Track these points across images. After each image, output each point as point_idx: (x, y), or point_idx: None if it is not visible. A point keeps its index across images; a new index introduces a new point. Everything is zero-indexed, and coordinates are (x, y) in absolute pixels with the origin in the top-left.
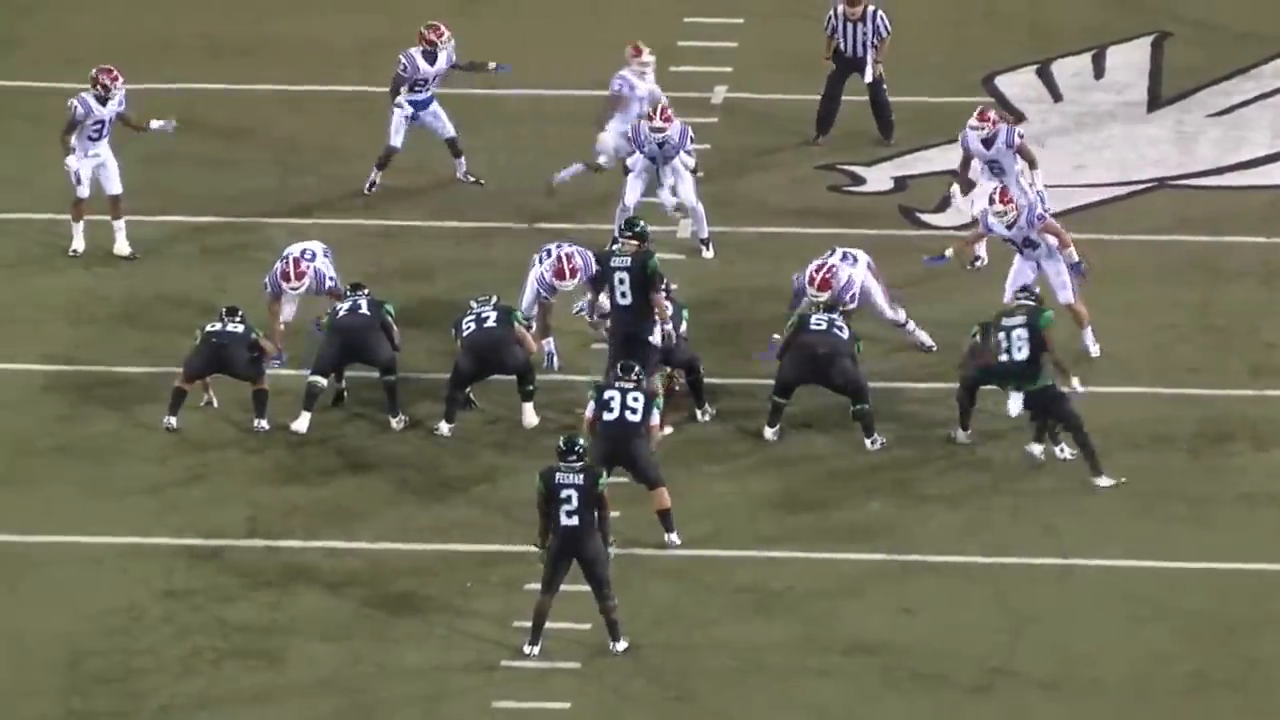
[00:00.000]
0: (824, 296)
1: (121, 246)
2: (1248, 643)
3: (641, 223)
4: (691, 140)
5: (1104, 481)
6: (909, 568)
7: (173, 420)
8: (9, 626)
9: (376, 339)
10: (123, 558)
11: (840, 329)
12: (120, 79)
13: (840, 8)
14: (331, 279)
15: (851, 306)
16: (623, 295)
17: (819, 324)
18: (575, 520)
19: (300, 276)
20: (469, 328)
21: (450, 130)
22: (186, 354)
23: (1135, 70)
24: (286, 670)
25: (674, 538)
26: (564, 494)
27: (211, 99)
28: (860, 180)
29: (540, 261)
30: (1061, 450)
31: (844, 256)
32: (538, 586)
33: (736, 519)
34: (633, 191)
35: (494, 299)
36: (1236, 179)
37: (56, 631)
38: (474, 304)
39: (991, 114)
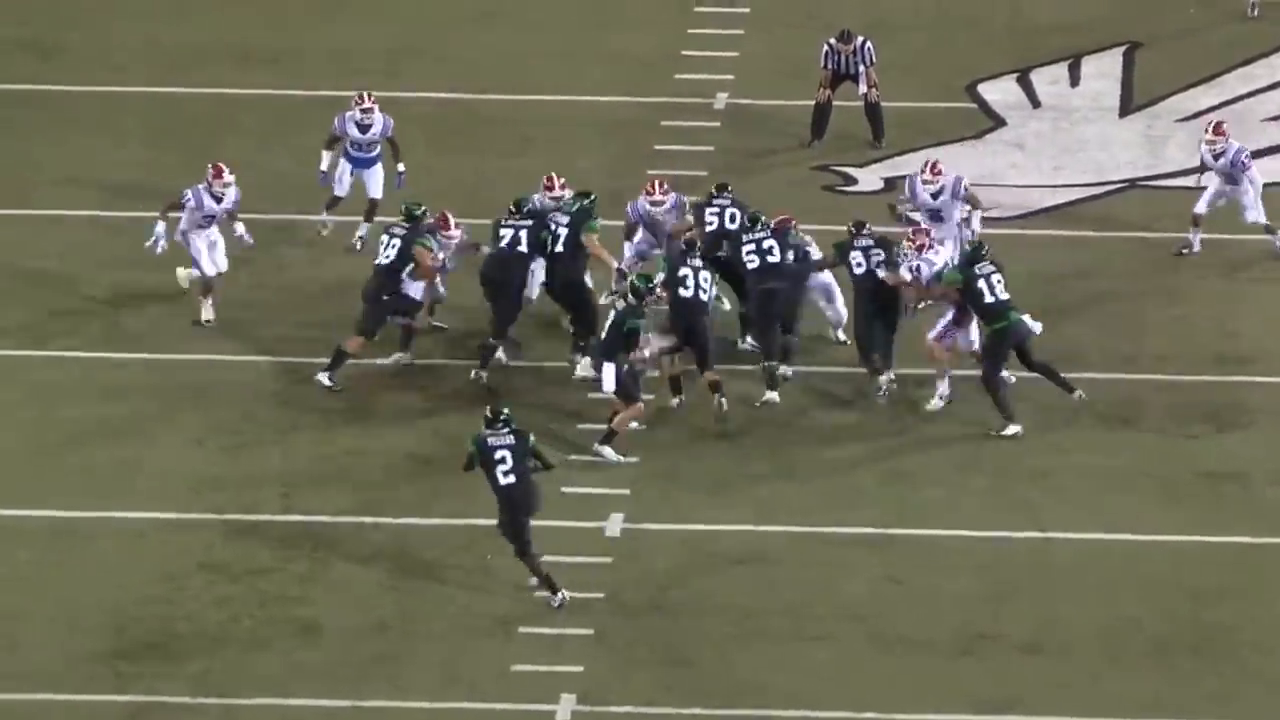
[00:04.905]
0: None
1: (207, 313)
2: (1208, 610)
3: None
4: (685, 210)
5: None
6: (896, 540)
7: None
8: (60, 596)
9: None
10: (165, 532)
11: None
12: (229, 180)
13: (834, 42)
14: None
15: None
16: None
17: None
18: (512, 479)
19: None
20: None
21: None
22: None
23: (1108, 78)
24: (318, 637)
25: (723, 400)
26: (498, 455)
27: (244, 103)
28: (852, 180)
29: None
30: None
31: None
32: (554, 558)
33: (735, 494)
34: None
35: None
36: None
37: (104, 600)
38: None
39: (940, 168)
